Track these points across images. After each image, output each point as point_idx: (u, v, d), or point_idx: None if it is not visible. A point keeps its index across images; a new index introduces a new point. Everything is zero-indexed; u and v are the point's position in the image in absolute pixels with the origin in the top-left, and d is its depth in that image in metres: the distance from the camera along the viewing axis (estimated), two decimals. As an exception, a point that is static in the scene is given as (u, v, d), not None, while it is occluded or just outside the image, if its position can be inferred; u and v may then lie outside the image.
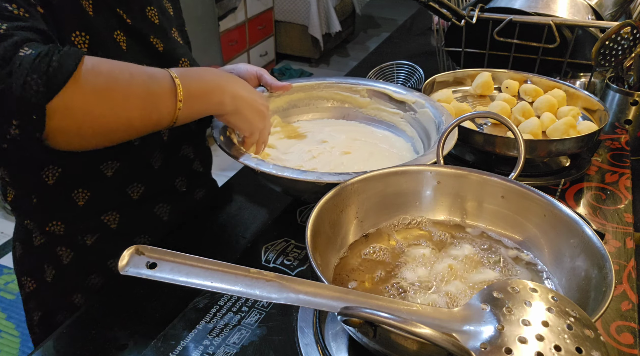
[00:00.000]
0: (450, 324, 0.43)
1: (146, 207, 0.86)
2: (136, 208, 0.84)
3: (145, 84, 0.66)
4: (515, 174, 0.71)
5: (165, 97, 0.67)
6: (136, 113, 0.65)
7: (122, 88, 0.63)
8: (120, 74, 0.64)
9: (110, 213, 0.82)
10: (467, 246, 0.67)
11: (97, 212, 0.81)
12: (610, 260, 0.54)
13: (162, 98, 0.67)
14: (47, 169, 0.75)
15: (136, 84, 0.65)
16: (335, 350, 0.61)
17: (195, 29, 2.91)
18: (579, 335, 0.41)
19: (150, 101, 0.66)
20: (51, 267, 0.83)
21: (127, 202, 0.83)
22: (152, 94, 0.66)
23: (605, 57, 1.08)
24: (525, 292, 0.45)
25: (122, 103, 0.64)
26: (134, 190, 0.83)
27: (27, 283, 0.86)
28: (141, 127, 0.68)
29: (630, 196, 0.94)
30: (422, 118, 0.97)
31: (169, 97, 0.67)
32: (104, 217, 0.82)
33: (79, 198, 0.79)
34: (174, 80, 0.68)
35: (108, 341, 0.66)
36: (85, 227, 0.81)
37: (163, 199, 0.88)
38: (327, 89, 1.06)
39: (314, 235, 0.58)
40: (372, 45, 4.48)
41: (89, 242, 0.82)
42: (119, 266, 0.42)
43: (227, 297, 0.71)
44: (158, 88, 0.67)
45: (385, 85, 1.05)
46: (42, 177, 0.75)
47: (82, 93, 0.59)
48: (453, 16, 1.19)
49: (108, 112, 0.62)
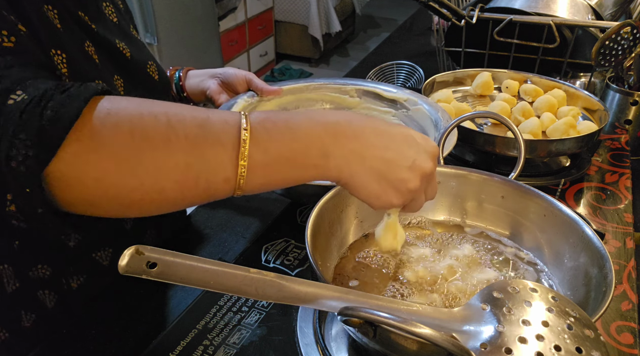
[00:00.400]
0: (450, 324, 0.43)
1: (138, 236, 0.77)
2: (129, 239, 0.75)
3: (190, 139, 0.45)
4: (515, 174, 0.71)
5: (219, 159, 0.45)
6: (171, 183, 0.45)
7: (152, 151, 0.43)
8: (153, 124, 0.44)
9: (103, 249, 0.72)
10: (467, 246, 0.67)
11: (89, 251, 0.70)
12: (610, 260, 0.54)
13: (215, 159, 0.45)
14: None
15: (175, 139, 0.44)
16: (335, 350, 0.61)
17: (195, 29, 2.92)
18: (579, 335, 0.41)
19: (196, 165, 0.45)
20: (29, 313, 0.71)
21: (121, 234, 0.73)
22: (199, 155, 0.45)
23: (605, 57, 1.08)
24: (525, 292, 0.45)
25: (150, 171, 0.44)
26: (127, 220, 0.74)
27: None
28: (180, 199, 0.47)
29: (630, 196, 0.94)
30: (417, 115, 0.97)
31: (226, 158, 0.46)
32: (95, 255, 0.72)
33: (70, 239, 0.67)
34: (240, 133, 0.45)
35: (108, 341, 0.66)
36: (75, 268, 0.70)
37: (152, 225, 0.80)
38: (316, 91, 1.05)
39: (314, 235, 0.58)
40: (372, 45, 4.48)
41: (74, 284, 0.71)
42: (119, 266, 0.42)
43: (227, 297, 0.71)
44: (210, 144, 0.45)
45: (374, 84, 1.05)
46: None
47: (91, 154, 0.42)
48: (453, 16, 1.19)
49: (131, 182, 0.44)
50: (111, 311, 0.72)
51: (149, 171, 0.44)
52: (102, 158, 0.42)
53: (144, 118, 0.44)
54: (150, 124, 0.44)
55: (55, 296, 0.71)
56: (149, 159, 0.44)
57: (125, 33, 0.74)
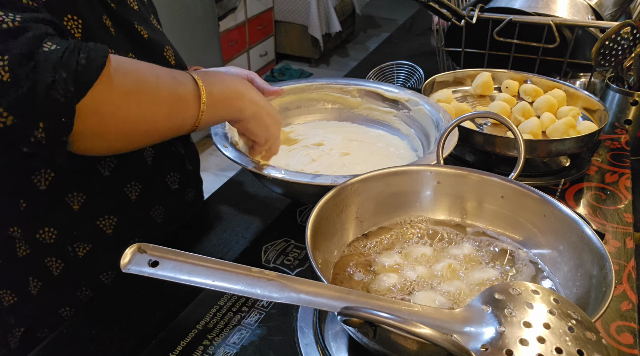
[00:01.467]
0: (451, 325, 0.43)
1: (143, 209, 0.82)
2: (133, 210, 0.81)
3: (171, 86, 0.63)
4: (515, 174, 0.71)
5: (190, 101, 0.65)
6: (163, 116, 0.62)
7: (150, 89, 0.60)
8: (148, 75, 0.61)
9: (107, 217, 0.78)
10: (467, 245, 0.67)
11: (93, 217, 0.77)
12: (610, 260, 0.54)
13: (187, 102, 0.64)
14: (38, 173, 0.71)
15: (163, 85, 0.62)
16: (335, 350, 0.61)
17: (195, 29, 2.92)
18: (580, 338, 0.41)
19: (177, 104, 0.63)
20: (36, 280, 0.78)
21: (125, 204, 0.79)
22: (178, 97, 0.63)
23: (605, 57, 1.08)
24: (526, 294, 0.45)
25: (150, 106, 0.60)
26: (131, 191, 0.79)
27: (7, 296, 0.79)
28: (164, 132, 0.66)
29: (630, 196, 0.94)
30: (418, 116, 0.97)
31: (193, 101, 0.65)
32: (99, 222, 0.78)
33: (74, 202, 0.74)
34: (197, 83, 0.65)
35: (108, 341, 0.66)
36: (79, 234, 0.77)
37: (158, 200, 0.84)
38: (317, 91, 1.05)
39: (313, 235, 0.58)
40: (372, 45, 4.49)
41: (81, 253, 0.78)
42: (121, 264, 0.42)
43: (227, 297, 0.71)
44: (183, 91, 0.64)
45: (376, 84, 1.05)
46: (34, 181, 0.71)
47: (110, 94, 0.55)
48: (453, 16, 1.19)
49: (135, 114, 0.59)
50: (111, 311, 0.72)
51: (147, 105, 0.60)
52: (115, 96, 0.56)
53: (140, 70, 0.60)
54: (147, 74, 0.61)
55: (61, 264, 0.77)
56: (147, 96, 0.60)
57: (144, 19, 0.80)
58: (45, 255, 0.76)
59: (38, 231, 0.75)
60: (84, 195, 0.75)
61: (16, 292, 0.79)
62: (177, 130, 0.66)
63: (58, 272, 0.77)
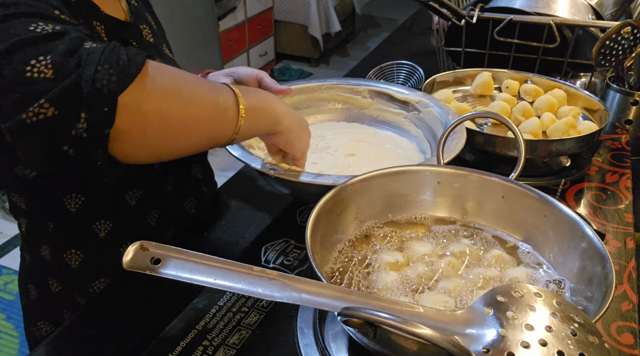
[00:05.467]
0: (453, 327, 0.43)
1: (159, 234, 0.84)
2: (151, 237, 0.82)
3: (211, 91, 0.63)
4: (515, 174, 0.71)
5: (229, 107, 0.64)
6: (205, 118, 0.62)
7: (191, 91, 0.60)
8: (187, 78, 0.61)
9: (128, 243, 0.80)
10: (467, 244, 0.66)
11: (117, 244, 0.79)
12: (611, 260, 0.54)
13: (227, 108, 0.64)
14: (69, 197, 0.73)
15: (202, 90, 0.62)
16: (335, 350, 0.60)
17: (195, 29, 2.92)
18: (583, 341, 0.41)
19: (217, 108, 0.63)
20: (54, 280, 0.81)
21: (145, 231, 0.81)
22: (218, 102, 0.63)
23: (606, 57, 1.08)
24: (529, 296, 0.44)
25: (192, 106, 0.60)
26: (152, 218, 0.82)
27: (32, 290, 0.84)
28: (206, 136, 0.64)
29: (630, 196, 0.94)
30: (427, 117, 0.97)
31: (232, 108, 0.64)
32: (122, 249, 0.79)
33: (101, 230, 0.77)
34: (234, 91, 0.65)
35: (108, 341, 0.66)
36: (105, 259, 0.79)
37: (174, 225, 0.87)
38: (328, 91, 1.05)
39: (314, 235, 0.57)
40: (372, 45, 4.48)
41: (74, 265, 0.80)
42: (124, 261, 0.42)
43: (226, 297, 0.71)
44: (223, 97, 0.63)
45: (387, 85, 1.05)
46: (65, 204, 0.73)
47: (152, 90, 0.55)
48: (453, 16, 1.19)
49: (178, 112, 0.58)
50: (111, 311, 0.72)
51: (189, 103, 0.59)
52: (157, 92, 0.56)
53: (177, 73, 0.60)
54: (186, 77, 0.61)
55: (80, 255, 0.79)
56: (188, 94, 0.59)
57: (160, 52, 0.84)
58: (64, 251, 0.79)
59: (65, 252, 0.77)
60: (110, 223, 0.77)
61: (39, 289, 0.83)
62: (217, 138, 0.65)
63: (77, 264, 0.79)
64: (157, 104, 0.56)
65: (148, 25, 0.83)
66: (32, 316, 0.86)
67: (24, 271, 0.85)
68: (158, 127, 0.57)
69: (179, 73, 0.61)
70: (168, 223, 0.85)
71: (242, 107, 0.65)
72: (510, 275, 0.62)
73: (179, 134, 0.60)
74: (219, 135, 0.65)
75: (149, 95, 0.55)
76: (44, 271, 0.81)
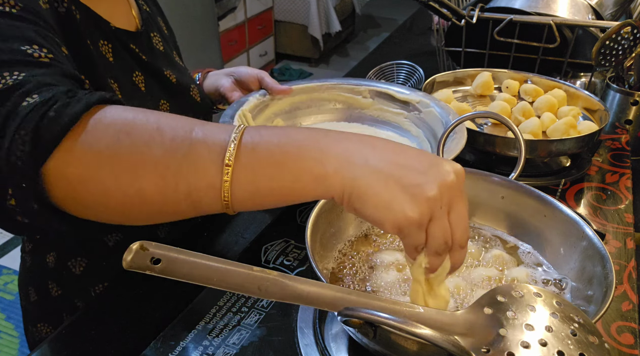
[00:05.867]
0: (453, 327, 0.43)
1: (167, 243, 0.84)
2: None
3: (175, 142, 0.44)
4: (515, 174, 0.71)
5: (202, 162, 0.44)
6: (150, 185, 0.44)
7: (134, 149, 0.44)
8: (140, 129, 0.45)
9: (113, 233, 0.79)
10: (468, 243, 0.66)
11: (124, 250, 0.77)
12: (611, 260, 0.54)
13: (197, 162, 0.44)
14: None
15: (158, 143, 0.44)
16: (335, 350, 0.60)
17: (195, 29, 2.91)
18: (583, 341, 0.41)
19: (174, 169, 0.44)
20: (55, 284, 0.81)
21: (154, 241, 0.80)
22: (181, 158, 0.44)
23: (606, 57, 1.08)
24: (529, 296, 0.44)
25: (129, 172, 0.44)
26: (162, 230, 0.82)
27: (31, 293, 0.84)
28: (160, 203, 0.46)
29: (630, 196, 0.94)
30: (428, 118, 0.97)
31: (209, 162, 0.44)
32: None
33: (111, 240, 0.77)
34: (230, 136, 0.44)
35: (108, 341, 0.66)
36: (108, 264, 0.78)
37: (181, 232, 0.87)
38: (329, 91, 1.05)
39: (314, 235, 0.57)
40: (372, 45, 4.48)
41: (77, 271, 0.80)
42: (124, 261, 0.42)
43: (226, 297, 0.71)
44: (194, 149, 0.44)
45: (388, 85, 1.04)
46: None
47: (79, 154, 0.44)
48: (453, 16, 1.19)
49: (109, 181, 0.44)
50: (111, 311, 0.72)
51: (126, 169, 0.44)
52: (86, 158, 0.44)
53: (135, 122, 0.45)
54: (139, 127, 0.45)
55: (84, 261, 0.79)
56: (127, 157, 0.44)
57: (170, 60, 0.82)
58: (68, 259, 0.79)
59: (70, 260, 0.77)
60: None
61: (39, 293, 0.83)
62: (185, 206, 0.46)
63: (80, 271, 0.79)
64: (81, 171, 0.44)
65: (159, 32, 0.82)
66: (31, 318, 0.86)
67: (24, 274, 0.85)
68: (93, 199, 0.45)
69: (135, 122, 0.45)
70: (176, 233, 0.85)
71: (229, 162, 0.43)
72: (510, 275, 0.62)
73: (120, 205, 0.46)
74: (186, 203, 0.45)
75: (74, 160, 0.44)
76: (45, 275, 0.81)
